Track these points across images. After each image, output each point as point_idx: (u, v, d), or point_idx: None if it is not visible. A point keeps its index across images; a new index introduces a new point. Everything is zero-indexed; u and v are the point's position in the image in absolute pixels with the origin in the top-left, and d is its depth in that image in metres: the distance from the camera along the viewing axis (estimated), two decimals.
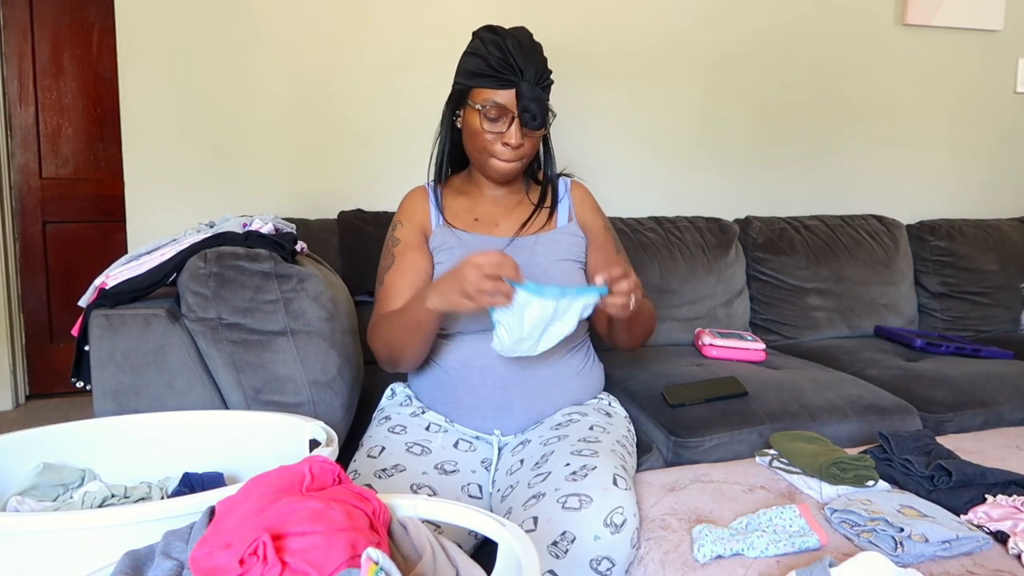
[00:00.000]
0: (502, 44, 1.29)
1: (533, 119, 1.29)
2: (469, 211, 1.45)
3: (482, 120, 1.32)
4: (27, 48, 3.09)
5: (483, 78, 1.31)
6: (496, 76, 1.29)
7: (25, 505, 1.05)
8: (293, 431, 1.18)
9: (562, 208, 1.48)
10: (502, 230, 1.43)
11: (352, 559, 0.67)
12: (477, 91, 1.33)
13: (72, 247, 3.26)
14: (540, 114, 1.30)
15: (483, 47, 1.31)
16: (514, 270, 1.12)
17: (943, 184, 2.87)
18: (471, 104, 1.33)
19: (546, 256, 1.39)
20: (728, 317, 2.29)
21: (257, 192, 2.25)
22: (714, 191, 2.62)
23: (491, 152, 1.35)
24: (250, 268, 1.33)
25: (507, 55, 1.28)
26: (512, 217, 1.45)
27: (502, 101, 1.30)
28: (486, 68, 1.30)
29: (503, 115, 1.31)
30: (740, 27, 2.56)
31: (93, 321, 1.30)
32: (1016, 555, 1.01)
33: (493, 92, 1.30)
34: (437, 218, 1.44)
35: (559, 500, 1.08)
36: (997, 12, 2.77)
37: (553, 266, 1.38)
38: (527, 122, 1.29)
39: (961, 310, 2.53)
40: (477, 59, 1.32)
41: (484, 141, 1.34)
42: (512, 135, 1.31)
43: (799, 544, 1.02)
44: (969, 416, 1.77)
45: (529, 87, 1.28)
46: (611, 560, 1.04)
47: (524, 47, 1.30)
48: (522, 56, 1.29)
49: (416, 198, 1.47)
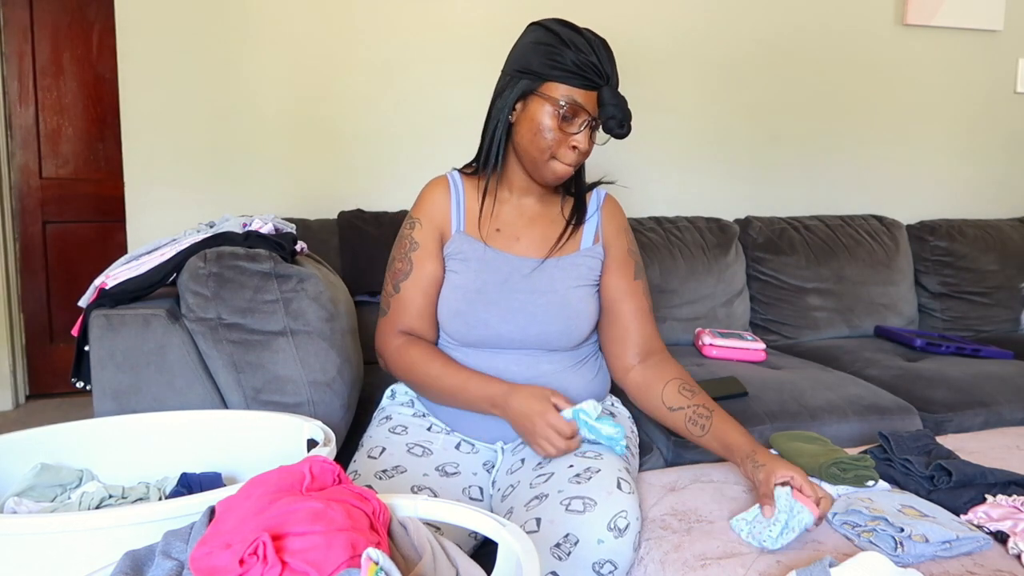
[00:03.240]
0: (586, 42, 1.19)
1: (620, 126, 1.19)
2: (491, 218, 1.35)
3: (554, 118, 1.21)
4: (27, 48, 3.09)
5: (563, 72, 1.19)
6: (579, 74, 1.19)
7: (22, 506, 1.05)
8: (291, 431, 1.17)
9: (589, 226, 1.37)
10: (524, 245, 1.34)
11: (352, 559, 0.67)
12: (553, 85, 1.20)
13: (72, 247, 3.26)
14: (624, 121, 1.20)
15: (561, 40, 1.19)
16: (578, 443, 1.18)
17: (943, 184, 2.87)
18: (543, 96, 1.21)
19: (564, 281, 1.31)
20: (728, 317, 2.29)
21: (257, 192, 2.25)
22: (714, 191, 2.62)
23: (554, 153, 1.24)
24: (250, 268, 1.33)
25: (593, 54, 1.19)
26: (535, 230, 1.35)
27: (582, 101, 1.20)
28: (568, 63, 1.19)
29: (578, 116, 1.21)
30: (740, 28, 2.56)
31: (93, 321, 1.30)
32: (1016, 555, 1.01)
33: (573, 90, 1.20)
34: (458, 221, 1.34)
35: (562, 502, 1.08)
36: (997, 12, 2.77)
37: (571, 292, 1.31)
38: (612, 128, 1.20)
39: (961, 310, 2.53)
40: (554, 50, 1.19)
41: (549, 141, 1.22)
42: (582, 138, 1.22)
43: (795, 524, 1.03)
44: (969, 416, 1.77)
45: (612, 92, 1.19)
46: (614, 564, 1.03)
47: (607, 50, 1.21)
48: (607, 58, 1.21)
49: (436, 194, 1.35)
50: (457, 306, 1.29)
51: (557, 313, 1.28)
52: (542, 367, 1.30)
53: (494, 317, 1.27)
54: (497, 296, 1.28)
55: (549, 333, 1.28)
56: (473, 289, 1.29)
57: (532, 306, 1.28)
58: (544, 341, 1.29)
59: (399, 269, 1.34)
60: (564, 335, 1.30)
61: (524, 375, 1.28)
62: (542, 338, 1.28)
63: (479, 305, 1.28)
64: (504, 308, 1.27)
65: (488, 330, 1.28)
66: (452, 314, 1.30)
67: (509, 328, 1.27)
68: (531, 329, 1.27)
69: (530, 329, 1.27)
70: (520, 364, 1.29)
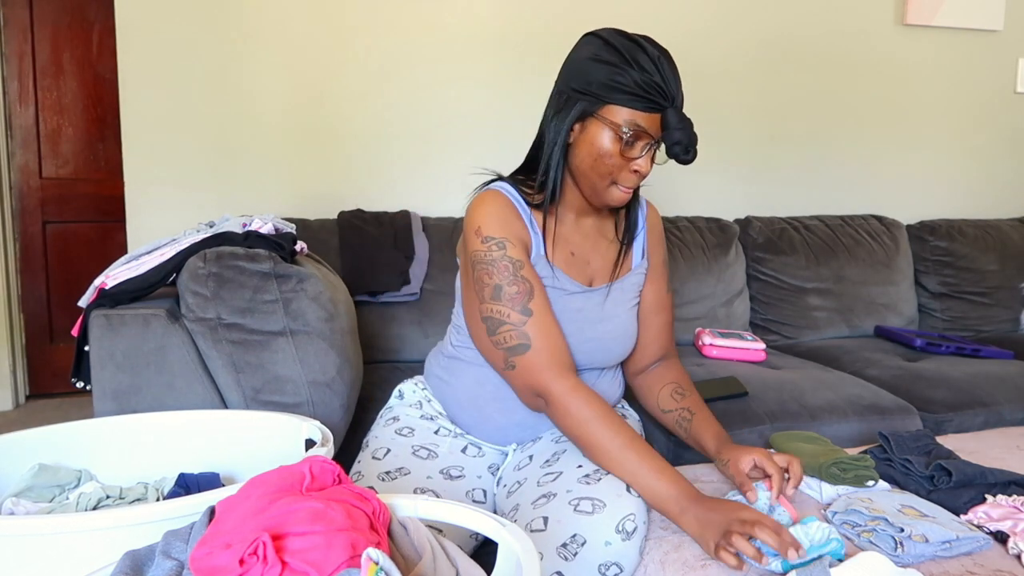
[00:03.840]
0: (649, 59, 1.10)
1: (686, 152, 1.12)
2: (566, 242, 1.26)
3: (616, 142, 1.13)
4: (27, 48, 3.09)
5: (625, 95, 1.10)
6: (642, 97, 1.10)
7: (20, 507, 1.04)
8: (290, 431, 1.17)
9: (638, 243, 1.33)
10: (593, 271, 1.28)
11: (352, 559, 0.67)
12: (614, 108, 1.12)
13: (72, 247, 3.26)
14: (691, 146, 1.12)
15: (623, 58, 1.10)
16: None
17: (943, 184, 2.87)
18: (603, 120, 1.13)
19: (623, 305, 1.28)
20: (728, 317, 2.29)
21: (257, 192, 2.24)
22: (714, 191, 2.62)
23: (615, 178, 1.16)
24: (249, 268, 1.33)
25: (658, 73, 1.10)
26: (598, 254, 1.29)
27: (645, 125, 1.12)
28: (630, 84, 1.10)
29: (641, 139, 1.13)
30: (740, 28, 2.56)
31: (93, 321, 1.30)
32: (1016, 555, 1.01)
33: (636, 113, 1.11)
34: (538, 244, 1.23)
35: (571, 502, 1.07)
36: (997, 12, 2.77)
37: (627, 316, 1.29)
38: (677, 154, 1.12)
39: (961, 310, 2.53)
40: (615, 70, 1.10)
41: (610, 165, 1.14)
42: (644, 163, 1.14)
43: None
44: (969, 416, 1.77)
45: (677, 115, 1.11)
46: (619, 566, 1.03)
47: (671, 65, 1.12)
48: (673, 77, 1.11)
49: (507, 211, 1.20)
50: None
51: (619, 339, 1.29)
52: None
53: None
54: (573, 328, 1.24)
55: (609, 358, 1.30)
56: None
57: (601, 336, 1.27)
58: (600, 363, 1.30)
59: (518, 292, 1.16)
60: (619, 357, 1.32)
61: None
62: (600, 362, 1.29)
63: None
64: (578, 339, 1.24)
65: None
66: None
67: (579, 359, 1.25)
68: (596, 357, 1.28)
69: (596, 357, 1.27)
70: None
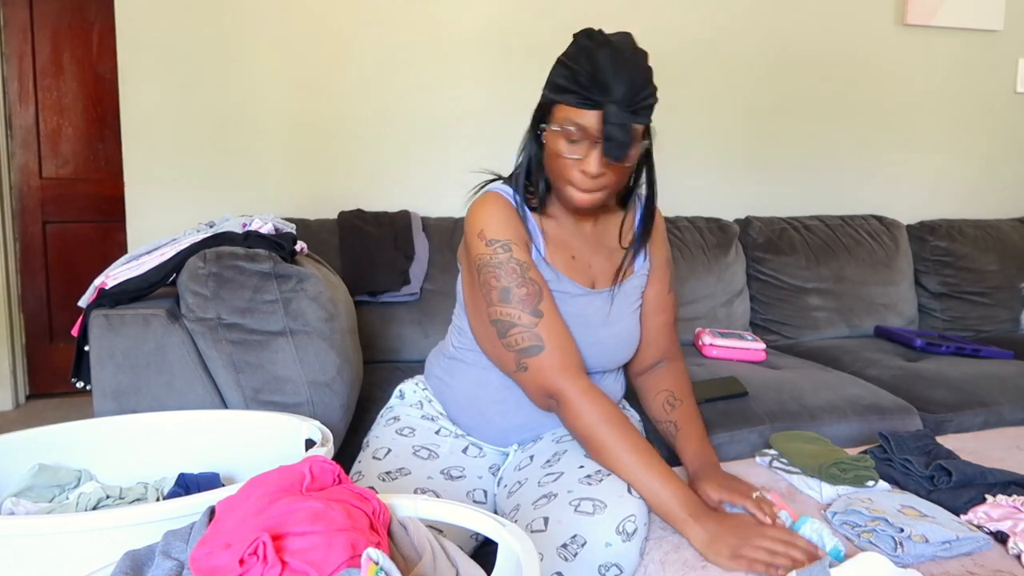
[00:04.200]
0: (593, 55, 1.08)
1: (616, 149, 1.08)
2: (565, 245, 1.26)
3: (561, 142, 1.13)
4: (27, 48, 3.09)
5: (567, 93, 1.11)
6: (579, 93, 1.09)
7: (20, 507, 1.05)
8: (290, 431, 1.17)
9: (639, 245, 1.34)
10: (596, 273, 1.28)
11: (352, 559, 0.67)
12: (560, 107, 1.12)
13: (72, 247, 3.26)
14: (624, 144, 1.08)
15: (575, 56, 1.11)
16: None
17: (943, 184, 2.87)
18: (553, 120, 1.14)
19: (626, 309, 1.29)
20: (728, 317, 2.29)
21: (257, 192, 2.25)
22: (714, 191, 2.62)
23: (568, 179, 1.15)
24: (249, 268, 1.33)
25: (596, 69, 1.08)
26: (600, 257, 1.29)
27: (584, 123, 1.10)
28: (571, 83, 1.10)
29: (584, 139, 1.11)
30: (740, 28, 2.56)
31: (93, 321, 1.30)
32: (1016, 555, 1.01)
33: (575, 111, 1.10)
34: (538, 246, 1.23)
35: (572, 503, 1.07)
36: (997, 12, 2.76)
37: (631, 319, 1.30)
38: (608, 151, 1.09)
39: (961, 310, 2.53)
40: (566, 70, 1.11)
41: (561, 166, 1.14)
42: (591, 163, 1.11)
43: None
44: (969, 416, 1.77)
45: (616, 111, 1.07)
46: (619, 567, 1.03)
47: (618, 60, 1.08)
48: (612, 71, 1.07)
49: (508, 212, 1.21)
50: None
51: (623, 342, 1.30)
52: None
53: None
54: (576, 332, 1.23)
55: (612, 362, 1.31)
56: None
57: (604, 340, 1.27)
58: (603, 367, 1.30)
59: (527, 295, 1.16)
60: (622, 361, 1.32)
61: None
62: (603, 365, 1.30)
63: None
64: (581, 343, 1.24)
65: None
66: None
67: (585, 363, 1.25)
68: (600, 360, 1.28)
69: (599, 360, 1.28)
70: None
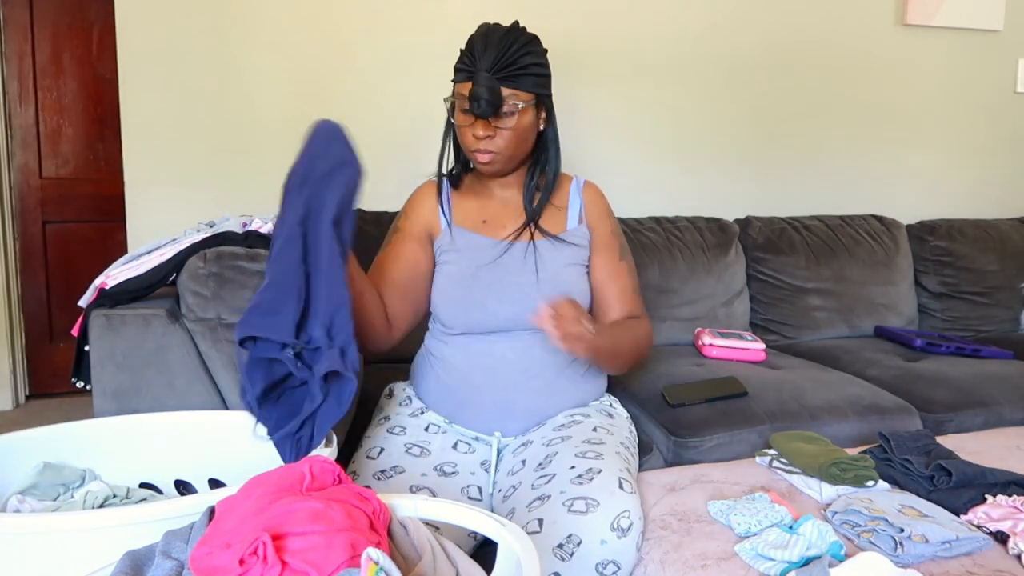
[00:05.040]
0: (472, 38, 1.30)
1: (478, 107, 1.26)
2: (478, 212, 1.43)
3: (457, 114, 1.32)
4: (27, 48, 3.09)
5: (456, 73, 1.31)
6: (461, 69, 1.30)
7: (25, 504, 1.05)
8: None
9: (573, 210, 1.45)
10: (512, 233, 1.40)
11: (352, 559, 0.67)
12: (456, 87, 1.32)
13: (72, 247, 3.26)
14: (487, 103, 1.25)
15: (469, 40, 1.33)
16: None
17: (943, 184, 2.86)
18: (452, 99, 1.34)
19: (554, 261, 1.37)
20: (728, 317, 2.29)
21: (257, 192, 2.24)
22: (714, 191, 2.62)
23: (466, 144, 1.34)
24: (250, 268, 1.33)
25: (470, 46, 1.29)
26: (521, 219, 1.41)
27: (466, 93, 1.28)
28: (458, 63, 1.31)
29: (467, 107, 1.30)
30: (740, 28, 2.56)
31: (93, 321, 1.30)
32: (1016, 555, 1.01)
33: (461, 85, 1.30)
34: (446, 216, 1.42)
35: (565, 503, 1.08)
36: (997, 12, 2.76)
37: (561, 272, 1.36)
38: (474, 110, 1.27)
39: (961, 310, 2.53)
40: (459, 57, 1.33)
41: (461, 135, 1.34)
42: (476, 128, 1.29)
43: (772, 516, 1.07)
44: (969, 416, 1.77)
45: (485, 77, 1.25)
46: (617, 564, 1.03)
47: (488, 36, 1.28)
48: (481, 45, 1.27)
49: (424, 195, 1.46)
50: (452, 292, 1.33)
51: (551, 290, 1.31)
52: (535, 352, 1.32)
53: (491, 298, 1.31)
54: (491, 278, 1.32)
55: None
56: (468, 274, 1.33)
57: (527, 285, 1.32)
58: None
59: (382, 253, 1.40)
60: None
61: (520, 362, 1.32)
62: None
63: (475, 288, 1.32)
64: (500, 289, 1.31)
65: (485, 312, 1.31)
66: (448, 300, 1.34)
67: (505, 308, 1.30)
68: (527, 306, 1.29)
69: (526, 306, 1.29)
70: (516, 351, 1.32)
